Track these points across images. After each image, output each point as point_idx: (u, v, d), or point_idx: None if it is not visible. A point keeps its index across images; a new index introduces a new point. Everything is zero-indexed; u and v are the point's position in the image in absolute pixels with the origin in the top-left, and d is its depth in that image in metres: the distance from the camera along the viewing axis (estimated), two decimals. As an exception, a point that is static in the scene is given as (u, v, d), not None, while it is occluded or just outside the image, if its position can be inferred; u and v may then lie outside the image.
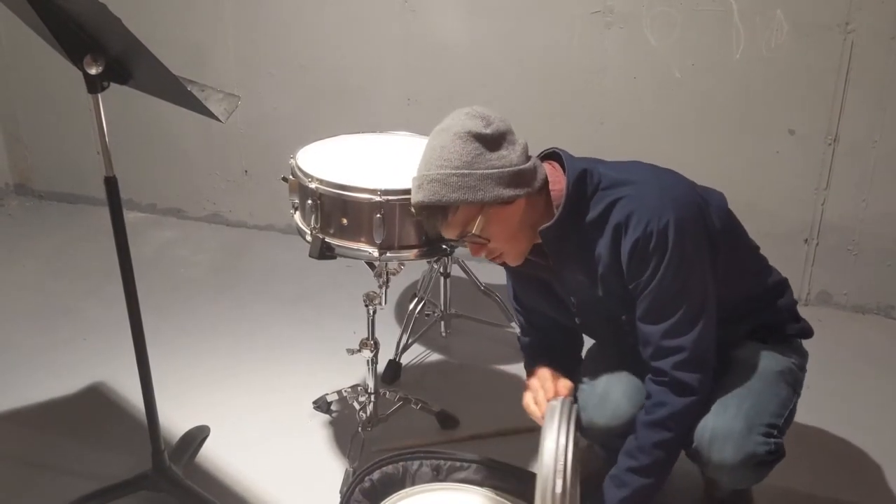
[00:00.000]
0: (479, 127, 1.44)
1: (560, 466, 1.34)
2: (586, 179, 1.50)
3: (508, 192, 1.45)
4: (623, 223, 1.46)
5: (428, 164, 1.46)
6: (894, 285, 2.81)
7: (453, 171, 1.42)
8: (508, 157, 1.45)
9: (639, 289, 1.49)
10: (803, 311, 1.75)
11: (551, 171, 1.53)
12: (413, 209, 1.51)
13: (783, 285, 1.73)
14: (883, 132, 2.64)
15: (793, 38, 2.60)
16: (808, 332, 1.73)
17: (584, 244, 1.52)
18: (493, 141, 1.44)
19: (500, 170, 1.44)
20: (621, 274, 1.50)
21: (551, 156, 1.58)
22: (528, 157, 1.50)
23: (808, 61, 2.62)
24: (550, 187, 1.51)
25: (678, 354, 1.48)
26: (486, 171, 1.43)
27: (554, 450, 1.36)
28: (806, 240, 2.83)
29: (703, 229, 1.49)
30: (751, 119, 2.75)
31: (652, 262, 1.45)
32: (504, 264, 1.62)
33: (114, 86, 1.54)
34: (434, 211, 1.46)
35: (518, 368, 2.31)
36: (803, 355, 1.72)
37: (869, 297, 2.86)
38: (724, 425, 1.50)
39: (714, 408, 1.53)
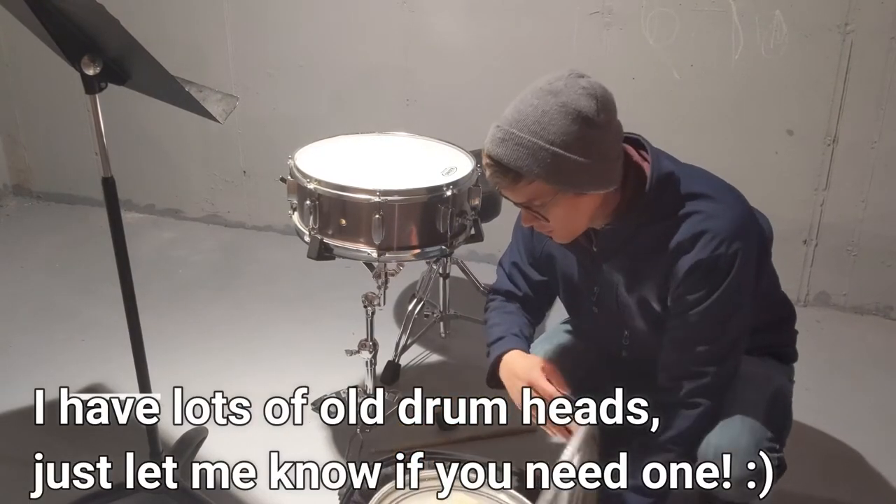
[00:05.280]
0: (590, 110, 1.30)
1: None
2: (669, 186, 1.42)
3: (592, 187, 1.36)
4: (690, 239, 1.39)
5: (521, 121, 1.31)
6: (893, 286, 2.81)
7: (546, 146, 1.29)
8: (605, 150, 1.34)
9: (681, 308, 1.44)
10: (802, 312, 1.76)
11: (631, 161, 1.43)
12: (484, 156, 1.37)
13: (792, 312, 1.71)
14: (882, 133, 2.64)
15: (792, 39, 2.60)
16: (796, 356, 1.73)
17: (639, 246, 1.46)
18: (597, 129, 1.31)
19: (593, 162, 1.32)
20: (664, 286, 1.45)
21: (630, 141, 1.47)
22: (619, 152, 1.39)
23: (807, 62, 2.62)
24: (626, 182, 1.41)
25: (702, 379, 1.45)
26: (580, 159, 1.30)
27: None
28: (805, 240, 2.84)
29: (760, 261, 1.46)
30: (750, 120, 2.75)
31: (707, 286, 1.39)
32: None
33: (112, 86, 1.53)
34: (506, 171, 1.33)
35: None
36: (792, 370, 1.72)
37: (868, 298, 2.86)
38: (728, 442, 1.47)
39: (719, 425, 1.49)
